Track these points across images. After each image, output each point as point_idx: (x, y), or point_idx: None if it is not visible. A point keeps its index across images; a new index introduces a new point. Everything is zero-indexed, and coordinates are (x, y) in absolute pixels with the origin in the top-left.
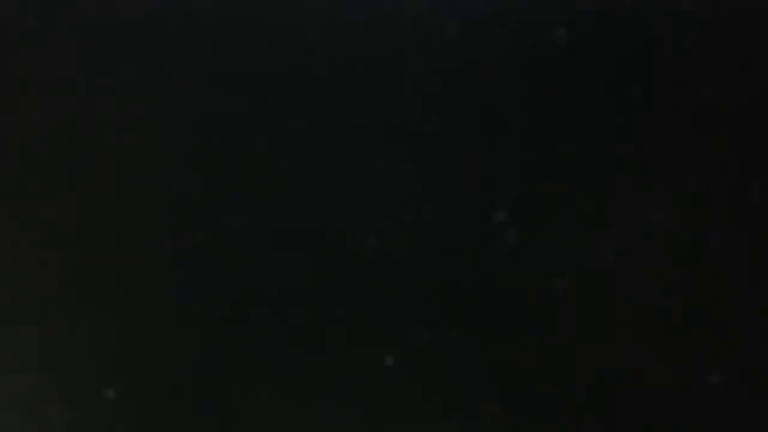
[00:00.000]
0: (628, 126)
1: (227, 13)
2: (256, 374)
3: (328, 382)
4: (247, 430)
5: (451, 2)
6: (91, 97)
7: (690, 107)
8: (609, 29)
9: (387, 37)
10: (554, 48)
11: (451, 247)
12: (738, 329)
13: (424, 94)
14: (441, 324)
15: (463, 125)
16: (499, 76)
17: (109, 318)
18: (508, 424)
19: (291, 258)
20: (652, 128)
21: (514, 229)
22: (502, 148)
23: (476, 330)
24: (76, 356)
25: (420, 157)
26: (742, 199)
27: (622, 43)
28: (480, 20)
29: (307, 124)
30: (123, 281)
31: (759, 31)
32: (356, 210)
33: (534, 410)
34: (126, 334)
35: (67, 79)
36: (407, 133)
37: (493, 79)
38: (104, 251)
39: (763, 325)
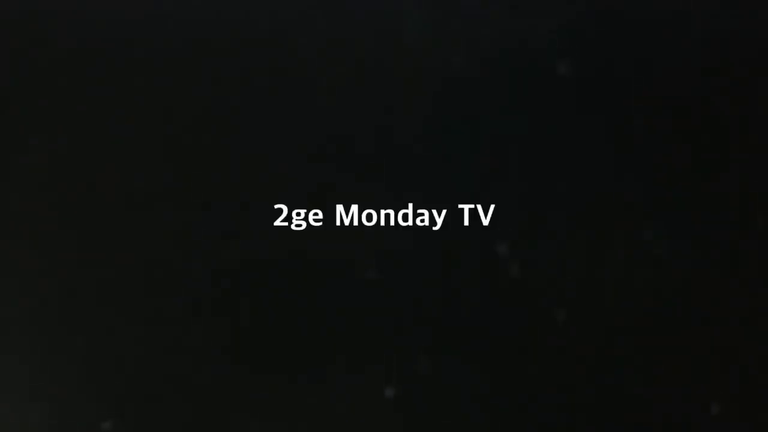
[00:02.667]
0: (629, 161)
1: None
2: (253, 404)
3: (328, 412)
4: None
5: (455, 38)
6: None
7: (693, 143)
8: (613, 64)
9: (391, 73)
10: (558, 82)
11: (453, 278)
12: (737, 360)
13: (428, 128)
14: (442, 354)
15: (466, 159)
16: (503, 111)
17: (106, 351)
18: None
19: (291, 288)
20: (654, 164)
21: (515, 262)
22: (504, 182)
23: (477, 360)
24: (74, 389)
25: (423, 190)
26: (741, 231)
27: (626, 77)
28: (484, 55)
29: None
30: (120, 314)
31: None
32: (360, 239)
33: None
34: (122, 367)
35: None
36: (411, 166)
37: (496, 114)
38: (101, 285)
39: (761, 356)
